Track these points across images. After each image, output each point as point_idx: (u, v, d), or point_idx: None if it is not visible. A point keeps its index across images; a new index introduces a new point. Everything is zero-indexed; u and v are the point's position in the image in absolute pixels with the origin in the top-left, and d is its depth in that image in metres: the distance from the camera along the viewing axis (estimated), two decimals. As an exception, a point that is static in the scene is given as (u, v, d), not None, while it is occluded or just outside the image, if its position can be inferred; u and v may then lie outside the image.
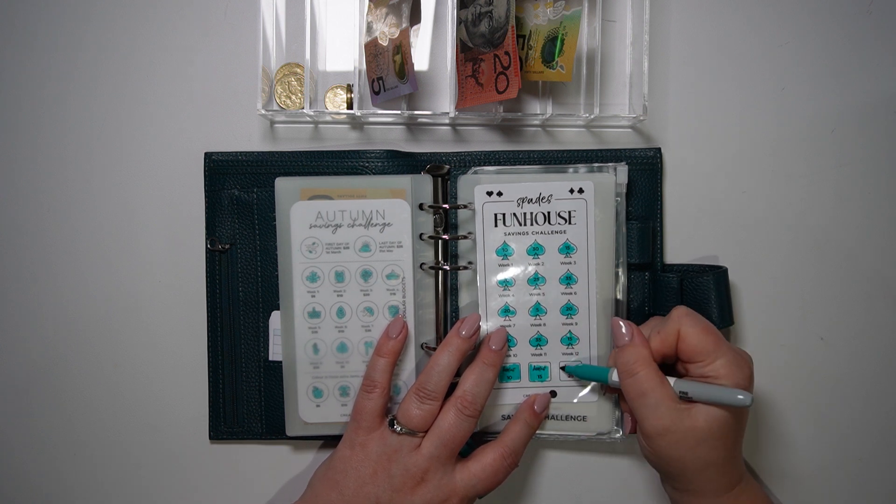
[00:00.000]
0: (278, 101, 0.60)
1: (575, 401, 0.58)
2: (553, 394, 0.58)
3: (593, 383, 0.58)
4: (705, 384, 0.50)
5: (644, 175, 0.60)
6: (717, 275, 0.57)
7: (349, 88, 0.60)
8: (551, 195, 0.57)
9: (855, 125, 0.61)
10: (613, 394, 0.58)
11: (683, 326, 0.51)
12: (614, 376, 0.54)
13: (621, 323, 0.53)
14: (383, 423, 0.54)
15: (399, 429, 0.53)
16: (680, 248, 0.61)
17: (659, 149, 0.60)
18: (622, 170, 0.57)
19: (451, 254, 0.59)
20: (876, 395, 0.62)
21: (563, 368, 0.58)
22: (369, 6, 0.58)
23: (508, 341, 0.58)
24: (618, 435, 0.58)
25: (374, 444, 0.53)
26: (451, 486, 0.53)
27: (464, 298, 0.59)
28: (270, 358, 0.59)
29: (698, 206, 0.61)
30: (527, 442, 0.56)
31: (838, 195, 0.62)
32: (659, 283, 0.59)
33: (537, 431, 0.58)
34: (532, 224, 0.58)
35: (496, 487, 0.54)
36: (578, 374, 0.58)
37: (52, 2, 0.61)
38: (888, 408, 0.62)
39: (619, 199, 0.58)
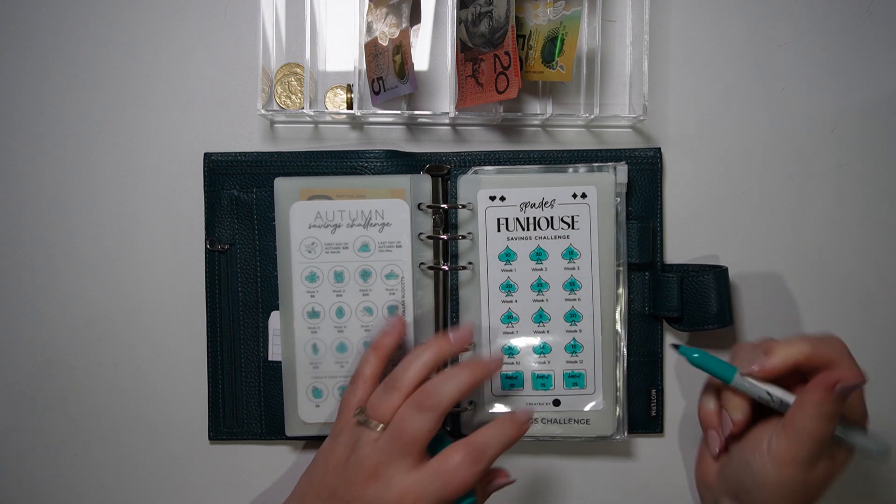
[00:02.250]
0: (278, 101, 0.60)
1: (587, 409, 0.58)
2: (556, 402, 0.58)
3: (599, 397, 0.58)
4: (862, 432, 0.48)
5: (644, 175, 0.60)
6: (718, 274, 0.57)
7: (349, 88, 0.60)
8: (554, 199, 0.57)
9: (855, 125, 0.61)
10: (729, 391, 0.51)
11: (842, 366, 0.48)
12: (739, 379, 0.49)
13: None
14: None
15: (360, 417, 0.50)
16: (680, 248, 0.61)
17: (659, 149, 0.60)
18: (622, 169, 0.57)
19: (450, 254, 0.59)
20: (876, 395, 0.62)
21: (677, 347, 0.52)
22: (369, 6, 0.58)
23: (511, 349, 0.58)
24: (619, 437, 0.58)
25: (344, 435, 0.51)
26: (403, 486, 0.47)
27: (463, 298, 0.59)
28: (270, 358, 0.59)
29: (698, 206, 0.61)
30: (501, 447, 0.49)
31: (838, 195, 0.61)
32: (659, 283, 0.59)
33: (539, 434, 0.58)
34: (535, 229, 0.58)
35: (464, 492, 0.48)
36: (699, 364, 0.51)
37: (52, 2, 0.61)
38: (888, 408, 0.62)
39: (619, 199, 0.58)
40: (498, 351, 0.55)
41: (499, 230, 0.58)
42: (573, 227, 0.57)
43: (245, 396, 0.60)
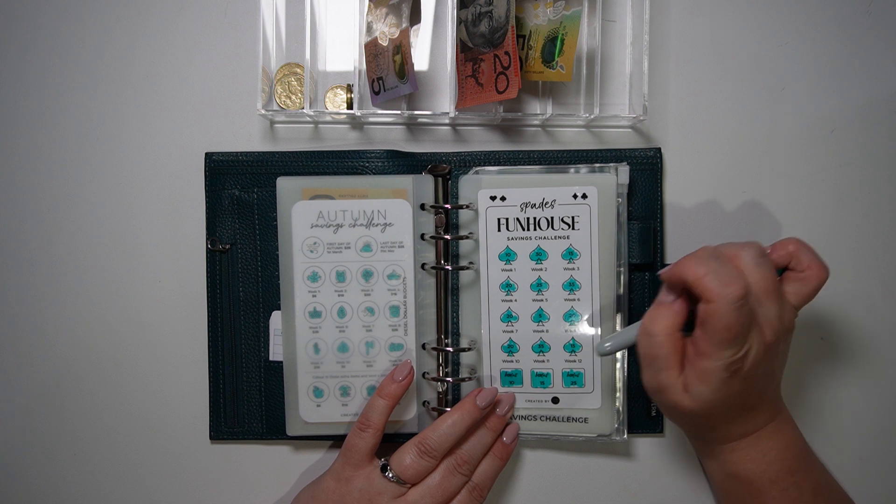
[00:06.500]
0: (278, 101, 0.60)
1: (585, 407, 0.58)
2: (555, 400, 0.58)
3: (598, 396, 0.58)
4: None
5: (644, 175, 0.60)
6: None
7: (349, 88, 0.60)
8: (555, 200, 0.57)
9: (855, 125, 0.61)
10: None
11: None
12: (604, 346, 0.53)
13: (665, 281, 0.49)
14: (371, 463, 0.54)
15: (391, 476, 0.53)
16: (680, 248, 0.61)
17: (659, 149, 0.60)
18: (623, 170, 0.57)
19: (452, 254, 0.59)
20: (876, 395, 0.62)
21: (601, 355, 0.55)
22: (369, 6, 0.58)
23: (512, 347, 0.58)
24: (618, 437, 0.58)
25: (358, 482, 0.54)
26: None
27: (463, 298, 0.59)
28: (271, 358, 0.59)
29: (698, 206, 0.61)
30: (482, 453, 0.57)
31: (838, 195, 0.62)
32: (659, 284, 0.59)
33: (538, 432, 0.58)
34: (535, 229, 0.58)
35: None
36: (613, 350, 0.54)
37: (52, 2, 0.61)
38: (888, 408, 0.62)
39: (620, 199, 0.58)
40: (507, 395, 0.58)
41: (499, 230, 0.58)
42: (573, 228, 0.57)
43: (246, 396, 0.60)
